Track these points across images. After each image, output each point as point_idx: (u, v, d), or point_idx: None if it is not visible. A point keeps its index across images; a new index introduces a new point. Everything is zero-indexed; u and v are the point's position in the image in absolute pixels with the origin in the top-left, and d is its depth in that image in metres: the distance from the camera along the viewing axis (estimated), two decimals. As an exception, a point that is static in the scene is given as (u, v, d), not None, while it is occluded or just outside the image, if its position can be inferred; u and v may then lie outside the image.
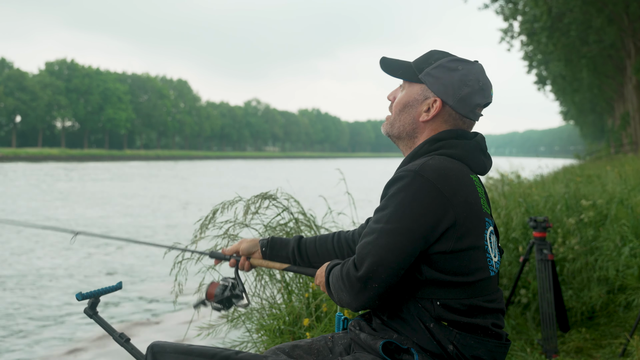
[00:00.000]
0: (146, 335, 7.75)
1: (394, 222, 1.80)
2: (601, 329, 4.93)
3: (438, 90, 2.00)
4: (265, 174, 53.40)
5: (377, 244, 1.79)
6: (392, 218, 1.80)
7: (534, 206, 6.66)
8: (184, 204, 26.72)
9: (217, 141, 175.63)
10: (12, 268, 12.27)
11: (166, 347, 2.06)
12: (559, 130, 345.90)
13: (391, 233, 1.79)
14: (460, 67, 2.01)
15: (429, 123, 2.03)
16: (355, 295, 1.83)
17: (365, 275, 1.79)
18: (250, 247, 2.44)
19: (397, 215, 1.80)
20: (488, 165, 2.07)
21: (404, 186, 1.83)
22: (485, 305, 1.90)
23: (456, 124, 2.03)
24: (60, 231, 2.49)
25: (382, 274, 1.79)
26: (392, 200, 1.83)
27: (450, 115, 2.02)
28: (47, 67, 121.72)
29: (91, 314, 2.28)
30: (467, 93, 1.99)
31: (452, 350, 1.85)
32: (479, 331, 1.88)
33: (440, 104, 2.00)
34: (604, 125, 66.92)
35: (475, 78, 2.01)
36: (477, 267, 1.88)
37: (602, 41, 32.78)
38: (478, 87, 2.01)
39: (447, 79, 1.99)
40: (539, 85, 50.22)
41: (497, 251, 2.01)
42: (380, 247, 1.79)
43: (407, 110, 2.06)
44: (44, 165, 65.95)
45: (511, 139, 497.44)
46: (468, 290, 1.87)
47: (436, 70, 2.01)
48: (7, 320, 8.63)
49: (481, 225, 1.90)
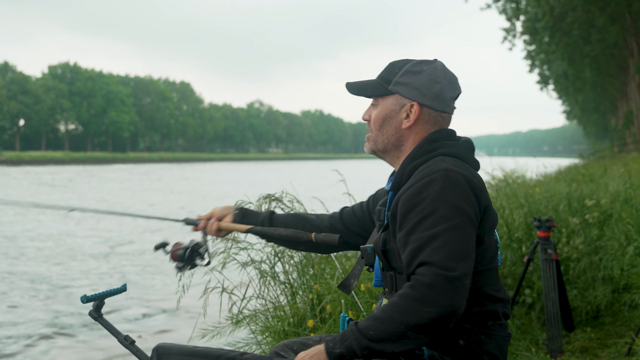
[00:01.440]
0: (151, 337, 7.75)
1: (457, 216, 1.80)
2: (606, 328, 4.92)
3: (412, 95, 2.05)
4: (267, 176, 53.40)
5: (454, 240, 1.77)
6: (449, 214, 1.80)
7: (538, 206, 6.65)
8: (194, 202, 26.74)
9: (220, 143, 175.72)
10: (15, 269, 12.29)
11: (171, 349, 2.06)
12: (562, 129, 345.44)
13: (457, 227, 1.79)
14: (425, 67, 2.06)
15: (412, 128, 2.07)
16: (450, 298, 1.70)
17: (461, 273, 1.73)
18: (223, 211, 2.48)
19: (454, 210, 1.81)
20: (478, 163, 2.11)
21: (442, 185, 1.84)
22: (492, 294, 1.94)
23: (437, 122, 2.08)
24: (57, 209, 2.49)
25: (470, 267, 1.77)
26: (437, 201, 1.82)
27: (429, 115, 2.06)
28: (50, 70, 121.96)
29: (96, 316, 2.29)
30: (439, 89, 2.04)
31: (463, 345, 1.87)
32: (489, 321, 1.91)
33: (418, 107, 2.04)
34: (607, 125, 66.89)
35: (442, 74, 2.06)
36: (492, 256, 1.96)
37: (605, 40, 32.78)
38: (447, 81, 2.07)
39: (417, 81, 2.05)
40: (542, 84, 50.20)
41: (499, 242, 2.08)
42: (458, 243, 1.77)
43: (387, 123, 2.09)
44: (67, 168, 66.05)
45: (514, 138, 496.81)
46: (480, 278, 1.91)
47: (404, 77, 2.06)
48: (10, 323, 8.64)
49: (495, 216, 1.97)
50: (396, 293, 1.78)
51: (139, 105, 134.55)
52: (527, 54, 43.14)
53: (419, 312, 1.70)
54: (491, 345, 1.90)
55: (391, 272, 2.04)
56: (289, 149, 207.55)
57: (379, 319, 1.76)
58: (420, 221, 1.82)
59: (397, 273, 2.00)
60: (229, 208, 2.49)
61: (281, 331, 3.96)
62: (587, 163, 27.32)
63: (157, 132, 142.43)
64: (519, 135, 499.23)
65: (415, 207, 1.85)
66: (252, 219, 2.46)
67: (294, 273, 4.39)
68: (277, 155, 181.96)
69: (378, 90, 2.11)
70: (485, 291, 1.91)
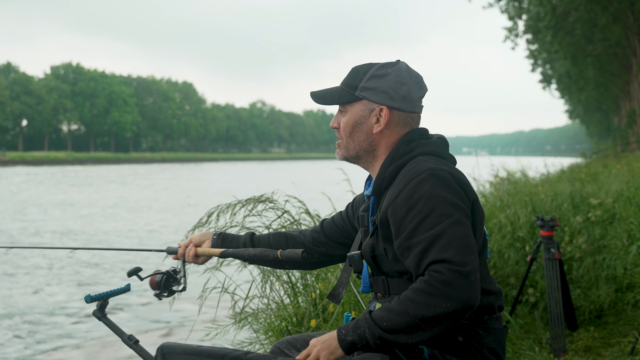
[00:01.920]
0: (155, 337, 7.76)
1: (454, 213, 1.81)
2: (609, 327, 4.92)
3: (380, 99, 2.05)
4: (269, 176, 53.42)
5: (459, 236, 1.77)
6: (448, 211, 1.80)
7: (541, 205, 6.64)
8: (185, 206, 26.77)
9: (222, 143, 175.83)
10: (19, 270, 12.32)
11: (176, 348, 2.07)
12: (565, 128, 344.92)
13: (459, 222, 1.79)
14: (390, 70, 2.06)
15: (383, 132, 2.07)
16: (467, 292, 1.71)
17: (472, 267, 1.74)
18: (202, 237, 2.48)
19: (450, 206, 1.81)
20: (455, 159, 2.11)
21: (433, 184, 1.84)
22: (486, 287, 1.95)
23: (407, 123, 2.08)
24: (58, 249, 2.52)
25: (477, 259, 1.77)
26: (432, 200, 1.82)
27: (399, 117, 2.07)
28: (53, 70, 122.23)
29: (100, 316, 2.29)
30: (406, 91, 2.05)
31: (462, 341, 1.88)
32: (485, 315, 1.92)
33: (388, 110, 2.05)
34: (610, 124, 66.79)
35: (408, 75, 2.07)
36: (482, 249, 1.97)
37: (608, 39, 32.75)
38: (413, 81, 2.07)
39: (384, 85, 2.05)
40: (544, 84, 50.17)
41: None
42: (462, 238, 1.77)
43: (357, 129, 2.09)
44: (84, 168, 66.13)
45: (517, 138, 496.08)
46: None
47: (370, 82, 2.06)
48: (14, 323, 8.65)
49: (482, 211, 1.98)
50: (410, 288, 1.77)
51: (141, 106, 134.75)
52: (530, 53, 43.12)
53: (436, 307, 1.70)
54: (489, 339, 1.91)
55: (382, 276, 2.04)
56: (292, 149, 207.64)
57: (394, 311, 1.76)
58: (420, 223, 1.81)
59: (389, 277, 2.00)
60: (208, 234, 2.49)
61: (284, 330, 3.97)
62: (590, 162, 27.29)
63: (160, 132, 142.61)
64: (522, 135, 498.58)
65: (411, 211, 1.84)
66: (231, 242, 2.45)
67: (297, 272, 4.39)
68: (280, 155, 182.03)
69: (345, 97, 2.10)
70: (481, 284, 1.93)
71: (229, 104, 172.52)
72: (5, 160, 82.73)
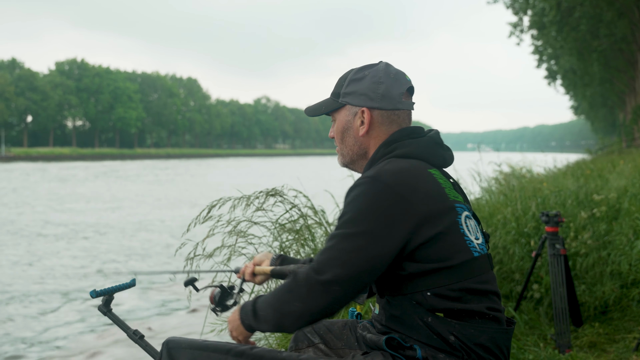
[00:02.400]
0: (160, 332, 7.78)
1: (354, 227, 1.83)
2: (614, 323, 4.90)
3: (360, 101, 2.08)
4: (275, 171, 53.44)
5: (339, 248, 1.82)
6: (351, 222, 1.84)
7: (546, 201, 6.63)
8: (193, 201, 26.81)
9: (227, 139, 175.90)
10: (23, 265, 12.35)
11: (181, 343, 2.07)
12: (570, 124, 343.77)
13: (352, 237, 1.82)
14: (367, 72, 2.10)
15: (369, 134, 2.10)
16: (314, 299, 1.82)
17: (329, 279, 1.80)
18: (262, 257, 2.52)
19: (357, 219, 1.84)
20: (448, 158, 2.10)
21: (362, 192, 1.87)
22: (477, 287, 1.91)
23: (393, 121, 2.08)
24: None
25: (345, 277, 1.81)
26: (350, 206, 1.87)
27: (382, 116, 2.08)
28: (58, 66, 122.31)
29: (105, 311, 2.29)
30: (384, 89, 2.07)
31: (453, 341, 1.86)
32: (476, 316, 1.89)
33: (368, 111, 2.07)
34: (615, 120, 66.59)
35: (385, 73, 2.08)
36: (457, 250, 1.90)
37: (613, 35, 32.61)
38: (391, 79, 2.08)
39: (362, 87, 2.08)
40: (550, 79, 50.00)
41: (480, 234, 2.04)
42: (341, 251, 1.82)
43: (346, 134, 2.14)
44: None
45: (522, 134, 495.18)
46: (455, 274, 1.88)
47: (350, 87, 2.11)
48: (19, 318, 8.68)
49: (451, 213, 1.93)
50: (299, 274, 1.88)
51: (146, 102, 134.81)
52: (535, 49, 42.97)
53: (286, 305, 1.87)
54: (483, 338, 1.88)
55: None
56: (296, 145, 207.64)
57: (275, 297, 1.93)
58: (338, 219, 1.91)
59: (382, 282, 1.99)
60: (269, 255, 2.52)
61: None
62: (595, 158, 27.20)
63: (165, 128, 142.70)
64: (527, 131, 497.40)
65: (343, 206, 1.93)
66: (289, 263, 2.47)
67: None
68: (284, 151, 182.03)
69: (331, 106, 2.16)
70: (465, 286, 1.89)
71: (234, 100, 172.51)
72: (10, 156, 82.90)
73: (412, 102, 2.13)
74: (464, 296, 1.89)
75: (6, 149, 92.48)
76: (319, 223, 4.62)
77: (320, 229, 4.65)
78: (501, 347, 1.92)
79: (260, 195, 4.15)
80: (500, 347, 1.92)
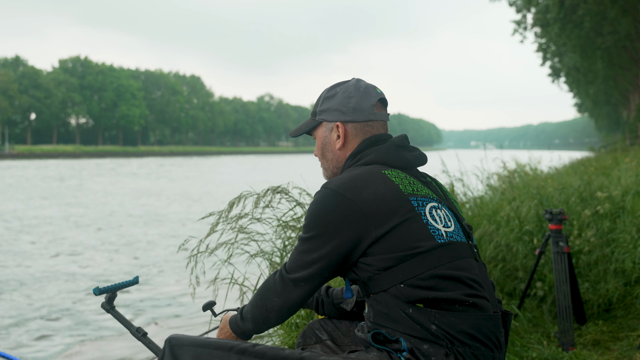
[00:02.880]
0: (163, 329, 7.79)
1: (309, 231, 2.01)
2: (618, 321, 4.90)
3: (333, 117, 2.21)
4: (279, 169, 53.48)
5: (299, 250, 2.03)
6: (305, 228, 2.02)
7: (549, 198, 6.62)
8: (196, 198, 26.84)
9: (230, 137, 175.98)
10: (26, 263, 12.37)
11: (184, 340, 2.07)
12: (574, 122, 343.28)
13: (307, 240, 2.01)
14: (338, 88, 2.24)
15: (345, 146, 2.22)
16: (288, 293, 2.05)
17: (296, 277, 2.02)
18: None
19: (311, 224, 2.00)
20: (412, 158, 2.15)
21: (315, 200, 2.03)
22: (449, 274, 1.94)
23: (365, 132, 2.21)
24: None
25: (308, 275, 2.01)
26: (307, 213, 2.04)
27: (356, 129, 2.20)
28: (61, 64, 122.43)
29: (108, 308, 2.30)
30: (355, 102, 2.19)
31: (435, 330, 1.88)
32: (456, 304, 1.92)
33: (342, 125, 2.20)
34: (619, 117, 66.41)
35: (355, 88, 2.21)
36: (419, 239, 1.94)
37: (617, 32, 32.49)
38: (360, 93, 2.20)
39: (333, 103, 2.22)
40: (553, 77, 49.90)
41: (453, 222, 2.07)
42: (301, 253, 2.02)
43: (325, 150, 2.27)
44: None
45: (525, 131, 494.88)
46: (422, 263, 1.93)
47: (324, 105, 2.25)
48: (23, 316, 8.69)
49: (405, 205, 1.98)
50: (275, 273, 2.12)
51: (149, 99, 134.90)
52: (539, 47, 42.87)
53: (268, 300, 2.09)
54: (465, 325, 1.89)
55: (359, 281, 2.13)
56: (299, 143, 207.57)
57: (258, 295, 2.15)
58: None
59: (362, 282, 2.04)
60: None
61: (292, 323, 3.98)
62: (599, 156, 27.17)
63: (168, 126, 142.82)
64: (530, 128, 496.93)
65: None
66: None
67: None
68: (288, 149, 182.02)
69: (310, 125, 2.30)
70: (438, 272, 1.92)
71: (237, 98, 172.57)
72: (14, 154, 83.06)
73: (386, 112, 2.25)
74: (437, 284, 1.92)
75: (10, 146, 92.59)
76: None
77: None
78: (487, 334, 1.93)
79: (267, 193, 4.16)
80: (486, 334, 1.93)
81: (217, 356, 2.00)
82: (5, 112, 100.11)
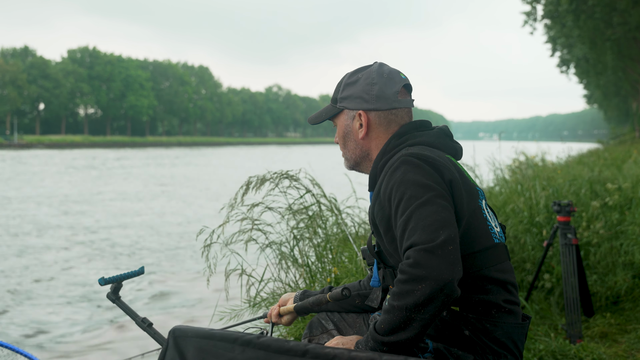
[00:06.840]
0: (168, 320, 7.80)
1: (423, 195, 1.79)
2: (626, 314, 4.87)
3: (356, 105, 2.12)
4: (285, 159, 53.56)
5: (422, 217, 1.74)
6: (417, 193, 1.80)
7: (558, 190, 6.58)
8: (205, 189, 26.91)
9: (238, 127, 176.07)
10: (31, 253, 12.42)
11: (188, 332, 2.06)
12: (583, 114, 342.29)
13: (427, 202, 1.77)
14: (360, 74, 2.13)
15: (369, 135, 2.13)
16: (439, 268, 1.65)
17: (443, 239, 1.69)
18: (287, 297, 2.53)
19: (419, 188, 1.81)
20: (459, 149, 2.11)
21: (404, 170, 1.86)
22: (496, 276, 1.90)
23: (391, 120, 2.11)
24: None
25: (450, 232, 1.71)
26: (402, 185, 1.84)
27: (380, 117, 2.11)
28: (70, 54, 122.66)
29: (114, 298, 2.29)
30: (378, 89, 2.09)
31: (468, 335, 1.85)
32: (493, 310, 1.88)
33: (365, 114, 2.11)
34: (628, 109, 66.04)
35: (377, 74, 2.11)
36: (479, 235, 1.90)
37: (627, 23, 32.25)
38: (384, 79, 2.10)
39: (355, 91, 2.12)
40: (562, 68, 49.63)
41: (497, 222, 2.04)
42: (427, 217, 1.74)
43: (347, 138, 2.18)
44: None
45: (534, 123, 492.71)
46: (476, 261, 1.88)
47: (345, 91, 2.15)
48: (27, 306, 8.73)
49: (473, 194, 1.94)
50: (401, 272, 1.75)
51: (157, 90, 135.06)
52: (549, 38, 42.63)
53: (413, 292, 1.67)
54: (498, 333, 1.87)
55: (389, 269, 2.09)
56: (307, 134, 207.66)
57: (385, 311, 1.75)
58: (396, 210, 1.84)
59: (395, 270, 2.01)
60: (292, 294, 2.54)
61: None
62: (608, 147, 27.04)
63: (176, 116, 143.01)
64: (539, 120, 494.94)
65: (390, 200, 1.88)
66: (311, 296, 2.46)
67: (313, 256, 4.40)
68: (296, 140, 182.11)
69: (331, 112, 2.20)
70: (485, 273, 1.88)
71: (245, 88, 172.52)
72: (23, 144, 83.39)
73: (411, 99, 2.15)
74: (484, 285, 1.87)
75: (19, 136, 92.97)
76: (330, 210, 4.62)
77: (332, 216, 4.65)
78: (516, 342, 1.91)
79: (275, 176, 4.18)
80: (515, 342, 1.91)
81: (221, 348, 1.99)
82: (14, 102, 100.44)
